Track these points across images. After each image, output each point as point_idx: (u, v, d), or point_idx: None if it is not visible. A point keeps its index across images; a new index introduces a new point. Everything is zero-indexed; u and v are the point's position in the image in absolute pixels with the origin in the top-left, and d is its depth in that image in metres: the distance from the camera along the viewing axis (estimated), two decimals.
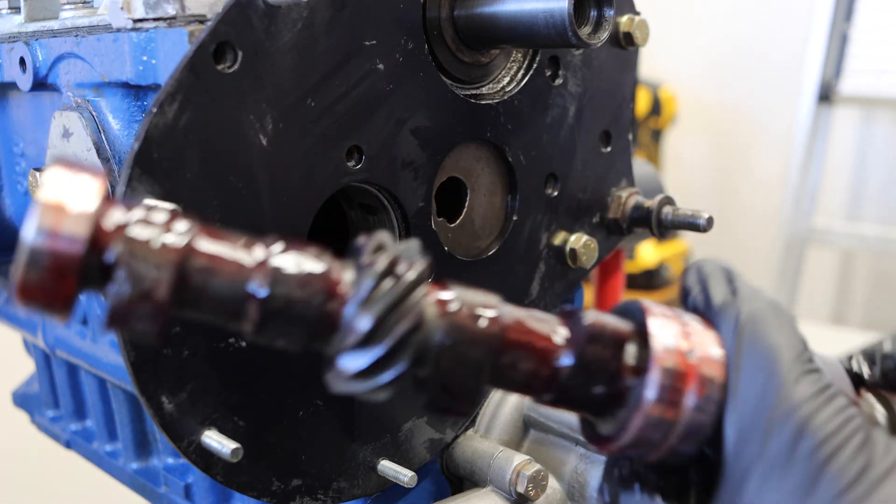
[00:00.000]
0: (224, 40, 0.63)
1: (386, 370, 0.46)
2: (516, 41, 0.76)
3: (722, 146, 3.95)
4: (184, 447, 0.67)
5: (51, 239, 0.43)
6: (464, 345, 0.48)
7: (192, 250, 0.45)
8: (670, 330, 0.51)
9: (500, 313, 0.50)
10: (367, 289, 0.46)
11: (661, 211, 0.90)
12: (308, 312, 0.47)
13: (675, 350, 0.50)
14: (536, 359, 0.50)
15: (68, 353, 0.98)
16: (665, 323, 0.51)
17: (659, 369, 0.49)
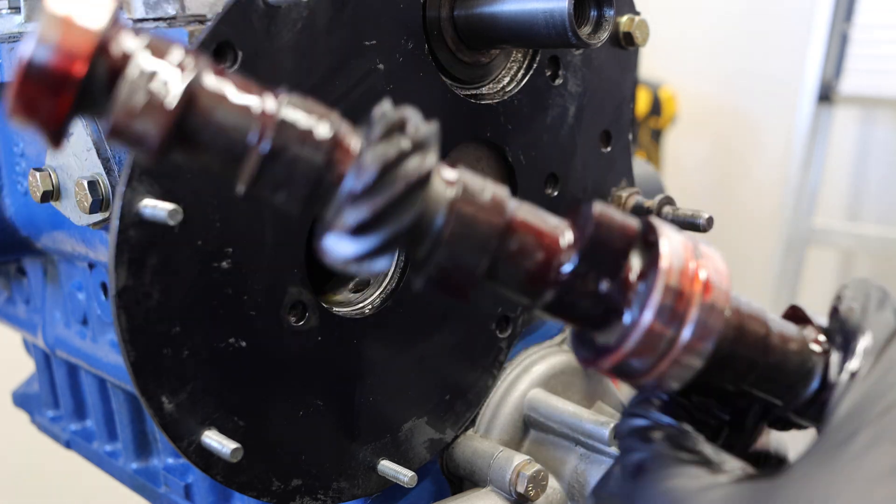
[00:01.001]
0: (224, 40, 0.63)
1: (388, 224, 0.43)
2: (516, 41, 0.76)
3: (722, 146, 3.95)
4: (184, 447, 0.67)
5: (52, 53, 0.40)
6: (469, 218, 0.45)
7: (199, 84, 0.43)
8: (679, 244, 0.48)
9: (508, 200, 0.47)
10: (374, 140, 0.44)
11: (661, 211, 0.90)
12: (311, 170, 0.44)
13: (682, 265, 0.47)
14: (541, 251, 0.47)
15: (68, 353, 0.98)
16: (674, 235, 0.48)
17: (664, 282, 0.46)
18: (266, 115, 0.43)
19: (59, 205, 0.79)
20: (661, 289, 0.46)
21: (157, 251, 0.62)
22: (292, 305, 0.71)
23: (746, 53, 3.77)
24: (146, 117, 0.42)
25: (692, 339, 0.47)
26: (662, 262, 0.47)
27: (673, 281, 0.47)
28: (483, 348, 0.85)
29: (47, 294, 1.01)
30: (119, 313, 0.62)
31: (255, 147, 0.43)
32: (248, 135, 0.43)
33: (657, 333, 0.47)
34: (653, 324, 0.46)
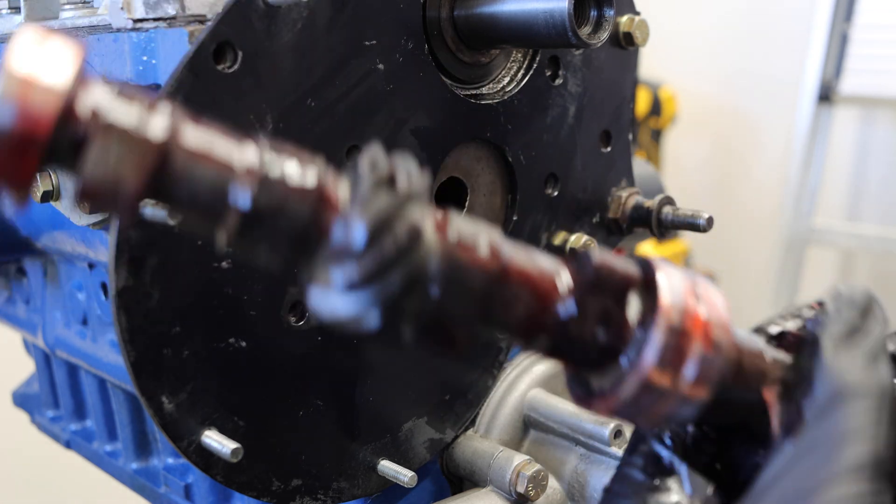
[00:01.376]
0: (224, 40, 0.63)
1: (379, 283, 0.41)
2: (516, 41, 0.76)
3: (722, 146, 3.95)
4: (184, 447, 0.67)
5: (14, 115, 0.38)
6: (462, 270, 0.44)
7: (176, 138, 0.40)
8: (679, 283, 0.47)
9: (502, 245, 0.46)
10: (364, 196, 0.42)
11: (661, 211, 0.90)
12: (295, 225, 0.42)
13: (682, 305, 0.46)
14: (536, 297, 0.46)
15: (68, 353, 0.98)
16: (674, 274, 0.48)
17: (665, 323, 0.46)
18: (248, 169, 0.41)
19: (59, 205, 0.79)
20: (662, 330, 0.46)
21: (157, 251, 0.62)
22: (292, 305, 0.71)
23: (746, 53, 3.77)
24: (118, 177, 0.40)
25: (694, 381, 0.46)
26: (662, 302, 0.46)
27: (674, 320, 0.46)
28: (483, 348, 0.85)
29: (47, 294, 1.01)
30: (119, 313, 0.62)
31: (235, 204, 0.41)
32: (229, 191, 0.41)
33: (657, 376, 0.46)
34: (653, 367, 0.46)
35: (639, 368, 0.46)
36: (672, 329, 0.46)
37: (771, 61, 3.70)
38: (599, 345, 0.47)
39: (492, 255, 0.45)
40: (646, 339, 0.46)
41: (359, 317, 0.42)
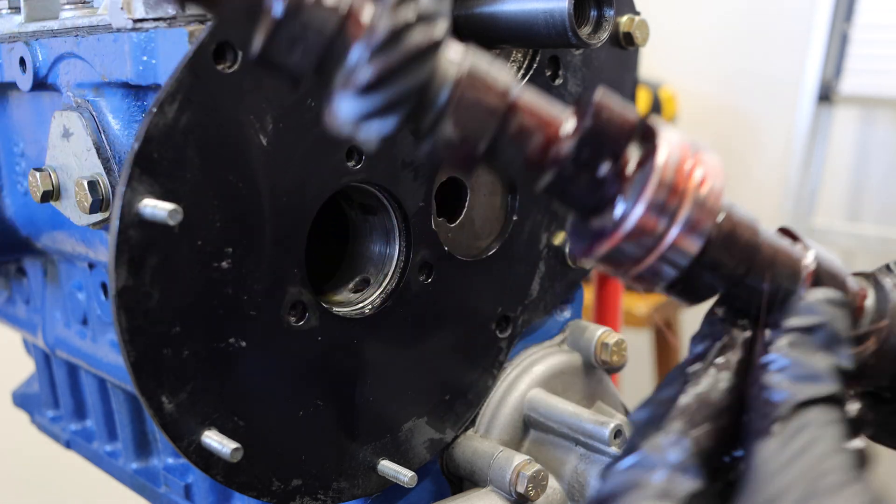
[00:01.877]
0: (224, 40, 0.63)
1: (394, 83, 0.45)
2: (516, 41, 0.76)
3: (722, 146, 3.95)
4: (184, 447, 0.67)
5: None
6: (473, 96, 0.46)
7: None
8: (677, 137, 0.49)
9: (515, 83, 0.48)
10: (388, 6, 0.45)
11: None
12: (323, 33, 0.45)
13: (678, 156, 0.48)
14: (541, 134, 0.48)
15: (68, 353, 0.98)
16: (671, 131, 0.49)
17: (659, 172, 0.48)
18: None
19: (59, 205, 0.79)
20: (655, 181, 0.47)
21: (157, 251, 0.62)
22: (292, 305, 0.71)
23: (746, 53, 3.77)
24: None
25: (681, 234, 0.48)
26: (659, 155, 0.48)
27: (668, 175, 0.48)
28: (483, 348, 0.85)
29: (47, 294, 1.01)
30: (119, 313, 0.62)
31: (269, 8, 0.44)
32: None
33: (649, 223, 0.48)
34: (645, 214, 0.48)
35: (633, 212, 0.48)
36: (665, 183, 0.48)
37: (771, 61, 3.70)
38: (599, 185, 0.49)
39: (502, 89, 0.47)
40: (641, 187, 0.48)
41: (374, 118, 0.45)
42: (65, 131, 0.77)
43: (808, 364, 0.51)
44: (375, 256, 0.80)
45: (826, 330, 0.53)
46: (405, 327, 0.79)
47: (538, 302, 0.89)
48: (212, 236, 0.65)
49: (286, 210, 0.69)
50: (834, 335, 0.53)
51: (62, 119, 0.77)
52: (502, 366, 0.87)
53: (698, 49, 3.87)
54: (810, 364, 0.51)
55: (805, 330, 0.53)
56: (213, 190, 0.64)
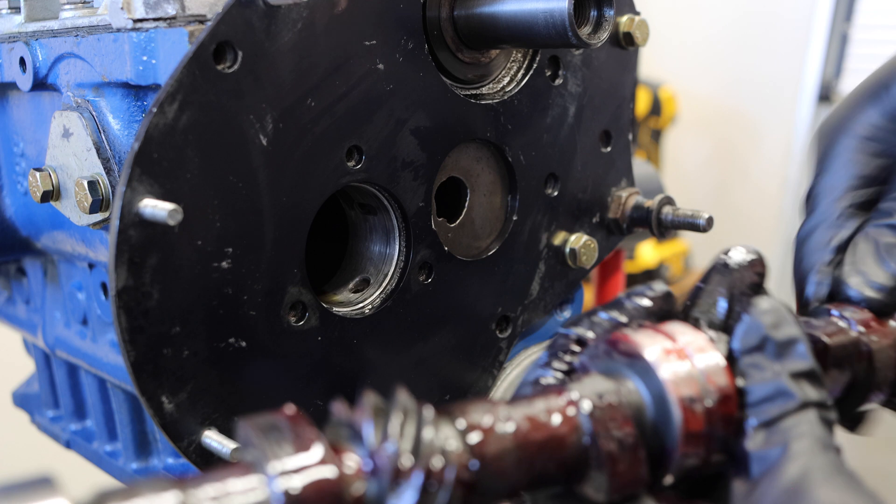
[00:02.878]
0: (224, 40, 0.63)
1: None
2: (516, 41, 0.76)
3: (722, 146, 3.95)
4: (184, 447, 0.67)
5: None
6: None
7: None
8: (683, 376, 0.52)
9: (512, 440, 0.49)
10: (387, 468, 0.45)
11: (660, 211, 0.90)
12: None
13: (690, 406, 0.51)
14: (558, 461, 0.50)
15: (68, 353, 0.98)
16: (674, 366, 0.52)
17: (682, 436, 0.51)
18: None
19: (59, 205, 0.79)
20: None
21: (157, 251, 0.62)
22: (292, 305, 0.71)
23: (746, 54, 3.77)
24: None
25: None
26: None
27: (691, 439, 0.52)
28: (483, 348, 0.85)
29: (47, 294, 1.01)
30: (119, 313, 0.62)
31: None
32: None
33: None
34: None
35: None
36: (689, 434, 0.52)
37: (771, 61, 3.70)
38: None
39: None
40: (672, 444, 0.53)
41: None
42: (65, 131, 0.77)
43: (765, 386, 0.53)
44: (375, 256, 0.80)
45: (772, 340, 0.54)
46: (405, 327, 0.79)
47: (538, 302, 0.89)
48: (212, 236, 0.65)
49: (286, 210, 0.69)
50: (782, 342, 0.54)
51: (62, 119, 0.77)
52: (502, 366, 0.87)
53: (698, 49, 3.87)
54: (767, 386, 0.53)
55: (753, 349, 0.54)
56: (213, 190, 0.64)
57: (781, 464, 0.50)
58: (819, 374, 0.54)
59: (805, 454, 0.50)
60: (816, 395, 0.53)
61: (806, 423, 0.51)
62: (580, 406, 0.51)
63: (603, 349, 0.55)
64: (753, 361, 0.54)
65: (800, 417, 0.52)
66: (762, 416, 0.52)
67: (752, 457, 0.51)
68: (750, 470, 0.51)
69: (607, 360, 0.55)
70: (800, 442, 0.50)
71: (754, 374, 0.54)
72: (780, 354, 0.54)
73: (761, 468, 0.51)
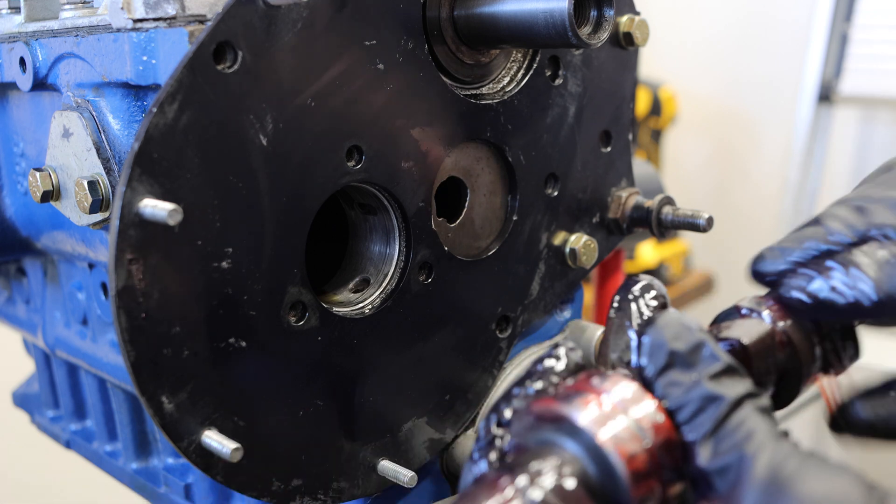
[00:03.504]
0: (224, 40, 0.63)
1: None
2: (516, 41, 0.76)
3: (722, 146, 3.95)
4: (184, 447, 0.67)
5: None
6: None
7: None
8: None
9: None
10: None
11: (660, 211, 0.90)
12: None
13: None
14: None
15: (68, 353, 0.98)
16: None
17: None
18: None
19: (59, 205, 0.79)
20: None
21: (157, 251, 0.62)
22: (292, 305, 0.71)
23: (746, 53, 3.77)
24: None
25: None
26: None
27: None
28: (483, 348, 0.85)
29: (47, 294, 1.01)
30: (119, 313, 0.62)
31: None
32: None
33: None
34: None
35: None
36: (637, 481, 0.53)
37: (771, 61, 3.70)
38: None
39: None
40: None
41: None
42: (65, 131, 0.77)
43: (689, 399, 0.52)
44: (375, 256, 0.80)
45: (678, 353, 0.53)
46: (405, 327, 0.79)
47: (538, 302, 0.89)
48: (212, 236, 0.65)
49: (286, 210, 0.69)
50: (688, 351, 0.53)
51: (62, 119, 0.77)
52: (502, 366, 0.87)
53: (698, 49, 3.87)
54: (691, 398, 0.52)
55: (664, 368, 0.53)
56: (213, 190, 0.64)
57: (745, 468, 0.48)
58: (736, 367, 0.53)
59: (765, 450, 0.48)
60: (742, 387, 0.51)
61: (748, 419, 0.50)
62: (527, 496, 0.50)
63: (531, 423, 0.54)
64: (669, 380, 0.53)
65: (739, 416, 0.50)
66: (700, 429, 0.51)
67: (711, 472, 0.50)
68: (714, 488, 0.50)
69: (539, 432, 0.54)
70: (752, 441, 0.49)
71: (674, 392, 0.52)
72: (691, 363, 0.53)
73: (725, 482, 0.49)
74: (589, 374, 0.56)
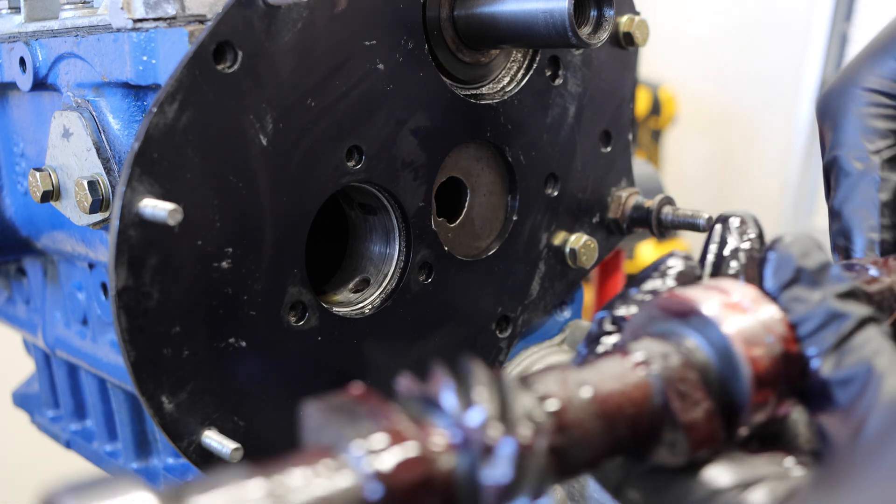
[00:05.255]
0: (224, 40, 0.63)
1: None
2: (516, 41, 0.76)
3: (722, 146, 3.95)
4: (184, 447, 0.67)
5: None
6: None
7: None
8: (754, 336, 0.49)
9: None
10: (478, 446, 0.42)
11: (660, 211, 0.90)
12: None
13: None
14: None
15: (68, 353, 0.98)
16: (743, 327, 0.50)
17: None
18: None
19: (59, 205, 0.79)
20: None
21: (157, 251, 0.62)
22: (292, 305, 0.71)
23: (746, 53, 3.77)
24: None
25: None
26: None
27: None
28: (483, 348, 0.85)
29: (47, 294, 1.01)
30: (119, 313, 0.62)
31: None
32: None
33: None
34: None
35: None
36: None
37: (771, 61, 3.70)
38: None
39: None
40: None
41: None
42: (65, 131, 0.77)
43: (815, 314, 0.50)
44: (375, 256, 0.80)
45: (805, 270, 0.52)
46: (405, 327, 0.79)
47: (538, 302, 0.89)
48: (212, 236, 0.65)
49: (286, 210, 0.69)
50: (815, 269, 0.52)
51: (62, 119, 0.77)
52: (502, 366, 0.87)
53: (698, 49, 3.87)
54: (817, 313, 0.50)
55: (789, 283, 0.52)
56: (213, 190, 0.64)
57: (874, 380, 0.46)
58: (864, 292, 0.51)
59: (894, 370, 0.46)
60: (867, 310, 0.50)
61: (875, 338, 0.48)
62: (650, 367, 0.48)
63: (652, 313, 0.52)
64: (793, 295, 0.51)
65: (866, 334, 0.48)
66: (824, 343, 0.49)
67: (833, 384, 0.48)
68: (834, 399, 0.48)
69: (660, 323, 0.52)
70: (881, 357, 0.47)
71: (798, 307, 0.51)
72: (818, 281, 0.51)
73: (848, 394, 0.47)
74: (721, 279, 0.53)
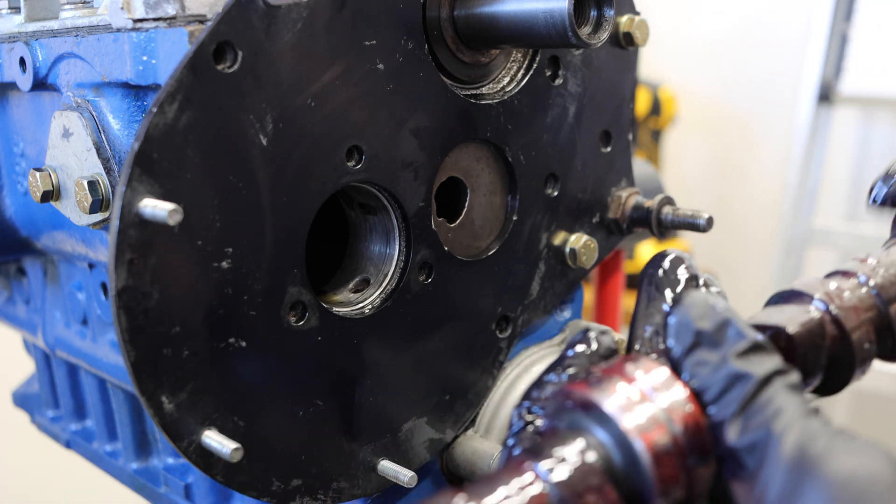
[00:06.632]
0: (224, 40, 0.63)
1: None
2: (516, 41, 0.76)
3: (722, 146, 3.95)
4: (184, 447, 0.67)
5: None
6: None
7: None
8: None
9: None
10: None
11: (660, 211, 0.90)
12: None
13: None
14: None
15: (68, 353, 0.98)
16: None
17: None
18: None
19: (59, 205, 0.79)
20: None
21: (157, 251, 0.62)
22: (292, 305, 0.71)
23: (746, 53, 3.77)
24: None
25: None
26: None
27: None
28: (483, 348, 0.85)
29: (47, 294, 1.01)
30: (119, 313, 0.62)
31: None
32: None
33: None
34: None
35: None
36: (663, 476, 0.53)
37: (771, 61, 3.70)
38: None
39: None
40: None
41: None
42: (65, 131, 0.77)
43: (717, 378, 0.51)
44: (375, 256, 0.80)
45: (704, 332, 0.53)
46: (405, 327, 0.79)
47: (538, 302, 0.89)
48: (212, 236, 0.65)
49: (286, 210, 0.69)
50: (714, 330, 0.53)
51: (62, 119, 0.77)
52: (502, 366, 0.87)
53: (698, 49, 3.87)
54: (718, 377, 0.51)
55: (691, 348, 0.53)
56: (213, 190, 0.64)
57: (773, 445, 0.48)
58: (764, 344, 0.52)
59: (793, 428, 0.48)
60: (771, 364, 0.51)
61: (776, 396, 0.49)
62: (548, 478, 0.50)
63: (560, 404, 0.55)
64: (696, 360, 0.52)
65: (767, 393, 0.50)
66: (728, 408, 0.50)
67: (740, 451, 0.50)
68: (744, 466, 0.50)
69: (567, 415, 0.54)
70: (780, 418, 0.48)
71: (702, 371, 0.52)
72: (717, 342, 0.52)
73: (754, 460, 0.49)
74: (623, 360, 0.55)
